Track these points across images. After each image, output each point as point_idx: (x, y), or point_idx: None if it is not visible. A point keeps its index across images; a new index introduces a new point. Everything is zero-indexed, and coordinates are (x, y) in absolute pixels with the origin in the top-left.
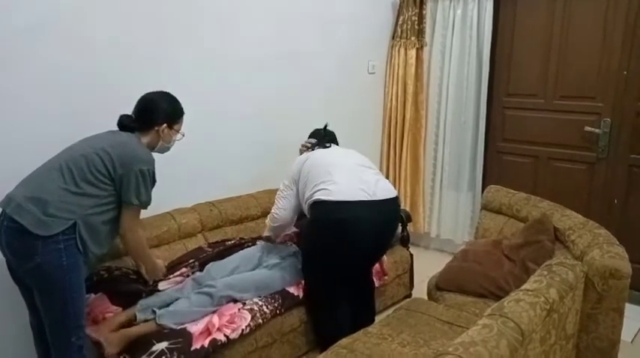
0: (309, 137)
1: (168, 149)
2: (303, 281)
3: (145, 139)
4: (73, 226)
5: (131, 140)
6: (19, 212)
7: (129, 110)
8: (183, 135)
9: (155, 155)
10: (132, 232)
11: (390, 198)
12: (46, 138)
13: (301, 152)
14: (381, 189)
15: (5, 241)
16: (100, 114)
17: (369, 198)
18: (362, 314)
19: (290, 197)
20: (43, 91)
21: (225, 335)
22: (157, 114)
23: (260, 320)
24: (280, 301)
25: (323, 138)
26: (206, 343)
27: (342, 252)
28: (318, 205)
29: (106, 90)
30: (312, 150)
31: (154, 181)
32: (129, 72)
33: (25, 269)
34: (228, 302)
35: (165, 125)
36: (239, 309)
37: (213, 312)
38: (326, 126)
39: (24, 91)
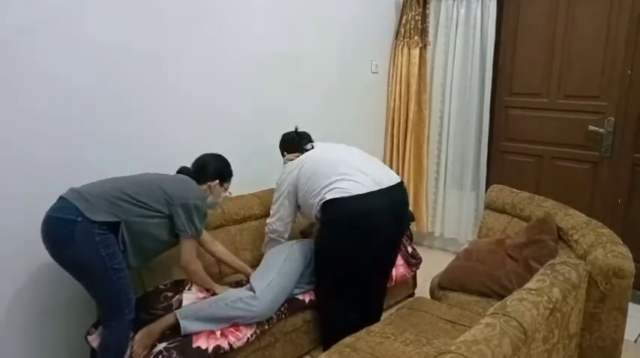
0: (283, 146)
1: (215, 204)
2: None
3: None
4: (115, 224)
5: (190, 181)
6: (74, 195)
7: (126, 112)
8: (230, 194)
9: (154, 158)
10: (193, 264)
11: (397, 184)
12: (46, 138)
13: (285, 162)
14: (385, 176)
15: (45, 231)
16: (101, 113)
17: (378, 188)
18: (370, 318)
19: (291, 206)
20: (42, 91)
21: (229, 344)
22: (210, 170)
23: (266, 326)
24: (286, 305)
25: (300, 141)
26: (210, 347)
27: (361, 247)
28: (333, 203)
29: (105, 90)
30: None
31: (205, 216)
32: (129, 71)
33: (62, 259)
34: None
35: (217, 181)
36: None
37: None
38: (296, 128)
39: (24, 90)
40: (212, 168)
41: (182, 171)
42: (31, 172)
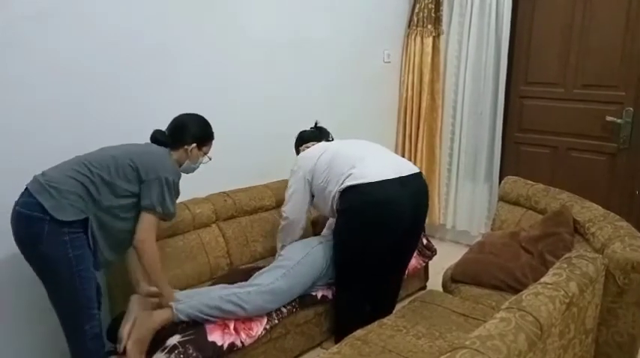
0: (300, 140)
1: (193, 170)
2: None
3: (175, 156)
4: (84, 221)
5: (161, 152)
6: (40, 191)
7: (134, 101)
8: (210, 159)
9: None
10: (148, 242)
11: (417, 173)
12: (50, 126)
13: (303, 149)
14: (405, 166)
15: (15, 227)
16: (107, 103)
17: (398, 176)
18: (382, 310)
19: (306, 193)
20: (48, 80)
21: (241, 342)
22: (187, 134)
23: (276, 321)
24: (297, 300)
25: (320, 134)
26: (225, 343)
27: (381, 235)
28: (351, 190)
29: (113, 80)
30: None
31: (177, 192)
32: (136, 61)
33: (30, 257)
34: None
35: (194, 145)
36: None
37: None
38: (317, 123)
39: (29, 80)
40: (189, 131)
41: (155, 135)
42: (35, 160)
